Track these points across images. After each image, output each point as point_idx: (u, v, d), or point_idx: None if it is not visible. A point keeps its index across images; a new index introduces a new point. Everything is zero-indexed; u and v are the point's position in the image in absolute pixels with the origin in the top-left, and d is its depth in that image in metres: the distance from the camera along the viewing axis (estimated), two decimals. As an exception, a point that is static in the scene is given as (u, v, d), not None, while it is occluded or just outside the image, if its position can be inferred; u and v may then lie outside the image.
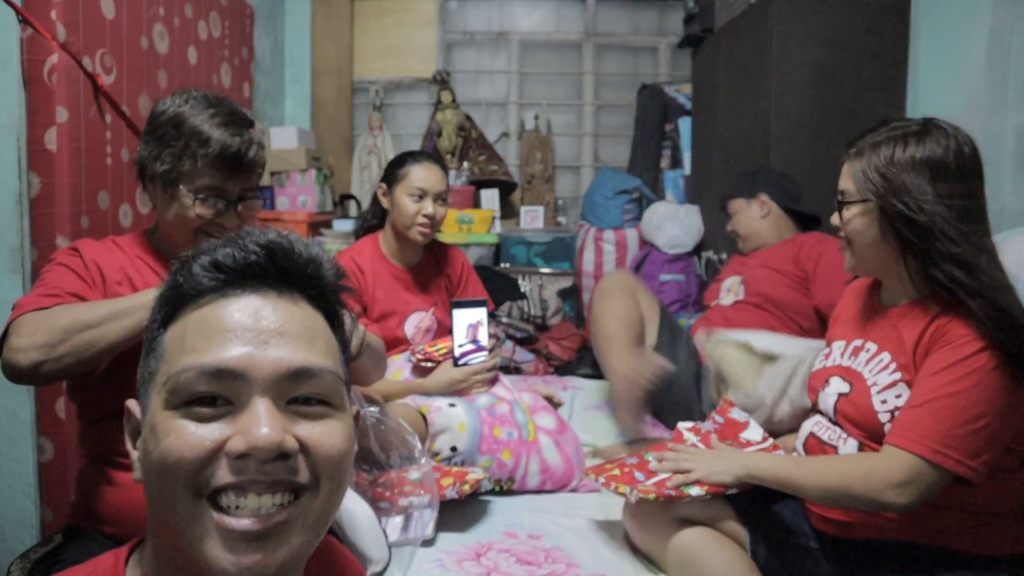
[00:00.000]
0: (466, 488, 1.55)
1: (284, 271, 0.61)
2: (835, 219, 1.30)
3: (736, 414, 1.56)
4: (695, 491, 1.33)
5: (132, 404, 0.62)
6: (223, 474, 0.54)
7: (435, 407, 1.74)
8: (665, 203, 3.46)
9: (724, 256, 3.03)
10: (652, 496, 1.35)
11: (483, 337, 1.89)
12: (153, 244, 1.30)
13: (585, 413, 2.34)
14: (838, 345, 1.38)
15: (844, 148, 1.29)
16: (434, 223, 1.97)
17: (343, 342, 0.66)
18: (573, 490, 1.81)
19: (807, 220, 2.38)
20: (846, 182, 1.27)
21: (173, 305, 0.61)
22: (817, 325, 2.16)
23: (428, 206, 1.94)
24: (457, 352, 1.86)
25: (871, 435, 1.24)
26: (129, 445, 0.62)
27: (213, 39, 2.41)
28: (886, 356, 1.25)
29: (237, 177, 1.22)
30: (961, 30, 2.26)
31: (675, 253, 3.33)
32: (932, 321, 1.19)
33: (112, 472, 1.19)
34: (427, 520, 1.49)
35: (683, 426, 1.56)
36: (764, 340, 1.89)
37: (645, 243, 3.49)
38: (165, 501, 0.55)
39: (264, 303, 0.60)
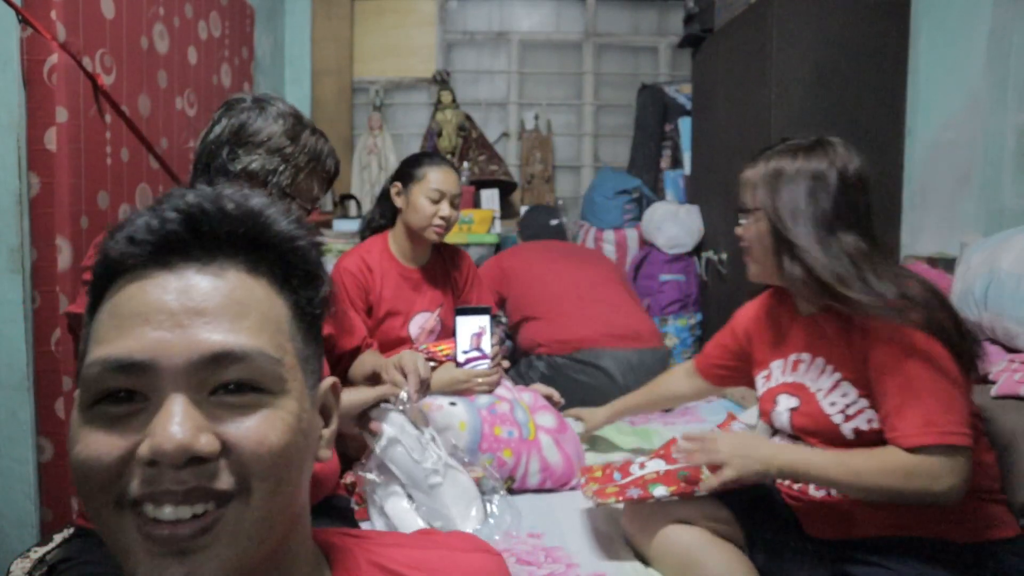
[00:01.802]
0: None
1: (209, 238, 0.52)
2: (738, 229, 1.37)
3: (737, 428, 1.56)
4: (660, 491, 1.33)
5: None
6: (136, 484, 0.48)
7: (436, 405, 1.74)
8: (665, 203, 3.46)
9: (724, 256, 3.03)
10: (612, 500, 1.38)
11: (486, 345, 1.88)
12: None
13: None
14: (777, 364, 1.41)
15: (744, 163, 1.38)
16: (449, 224, 2.00)
17: (301, 306, 0.56)
18: (573, 489, 1.81)
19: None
20: (743, 193, 1.35)
21: (98, 290, 0.53)
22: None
23: (445, 208, 1.98)
24: (461, 358, 1.85)
25: (830, 440, 1.28)
26: None
27: (213, 39, 2.41)
28: (820, 360, 1.31)
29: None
30: (961, 30, 2.26)
31: (675, 253, 3.33)
32: (852, 317, 1.23)
33: None
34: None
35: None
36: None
37: (645, 243, 3.49)
38: (90, 512, 0.50)
39: (181, 280, 0.50)
